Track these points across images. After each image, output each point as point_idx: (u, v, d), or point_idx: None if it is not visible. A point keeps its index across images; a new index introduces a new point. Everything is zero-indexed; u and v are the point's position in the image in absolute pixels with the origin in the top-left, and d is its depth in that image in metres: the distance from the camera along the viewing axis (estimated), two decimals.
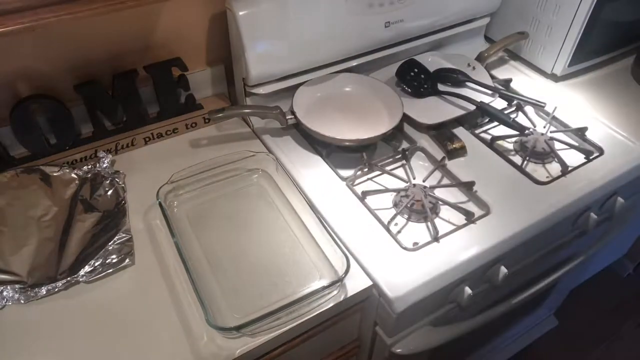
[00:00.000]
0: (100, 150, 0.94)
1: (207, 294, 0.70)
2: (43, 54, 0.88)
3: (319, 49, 0.97)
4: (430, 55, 1.13)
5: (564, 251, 1.00)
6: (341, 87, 1.04)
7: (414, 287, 0.72)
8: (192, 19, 0.98)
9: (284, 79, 0.98)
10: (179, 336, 0.67)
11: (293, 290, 0.72)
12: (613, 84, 1.12)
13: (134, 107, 0.98)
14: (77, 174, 0.88)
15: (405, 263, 0.75)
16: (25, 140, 0.90)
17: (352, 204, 0.84)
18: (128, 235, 0.78)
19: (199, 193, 0.87)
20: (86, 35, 0.90)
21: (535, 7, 1.10)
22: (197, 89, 1.06)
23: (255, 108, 0.97)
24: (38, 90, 0.90)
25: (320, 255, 0.76)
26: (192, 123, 1.02)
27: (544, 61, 1.13)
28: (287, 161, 0.92)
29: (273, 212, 0.84)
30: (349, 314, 0.78)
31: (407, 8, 1.01)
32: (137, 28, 0.94)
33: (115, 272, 0.74)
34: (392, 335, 0.79)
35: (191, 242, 0.78)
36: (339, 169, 0.90)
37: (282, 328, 0.68)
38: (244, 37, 0.88)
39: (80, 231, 0.80)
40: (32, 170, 0.87)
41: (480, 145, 0.96)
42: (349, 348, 0.87)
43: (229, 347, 0.66)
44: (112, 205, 0.83)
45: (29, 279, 0.73)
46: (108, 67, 0.95)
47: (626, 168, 0.91)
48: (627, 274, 1.73)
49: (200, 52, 1.04)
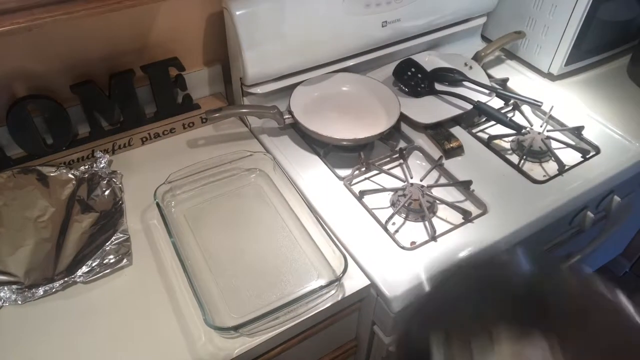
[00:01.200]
0: (97, 150, 0.94)
1: (205, 294, 0.70)
2: (39, 54, 0.88)
3: (316, 48, 0.97)
4: (428, 54, 1.13)
5: (561, 249, 1.01)
6: (338, 87, 1.04)
7: (412, 286, 0.72)
8: (189, 18, 0.98)
9: (281, 78, 0.98)
10: (177, 336, 0.67)
11: (291, 289, 0.72)
12: (609, 83, 1.12)
13: (131, 107, 0.98)
14: (74, 174, 0.87)
15: (403, 262, 0.75)
16: (21, 140, 0.90)
17: (350, 203, 0.84)
18: (125, 235, 0.78)
19: (196, 193, 0.87)
20: (82, 35, 0.89)
21: (531, 7, 1.10)
22: (194, 89, 1.06)
23: (253, 108, 0.97)
24: (34, 91, 0.90)
25: (318, 254, 0.77)
26: (189, 123, 1.02)
27: (540, 60, 1.14)
28: (285, 161, 0.92)
29: (271, 212, 0.84)
30: (347, 314, 0.78)
31: (404, 7, 1.02)
32: (134, 28, 0.94)
33: (113, 273, 0.74)
34: (390, 335, 0.79)
35: (189, 242, 0.78)
36: (337, 169, 0.90)
37: (280, 328, 0.68)
38: (241, 36, 0.88)
39: (77, 231, 0.79)
40: (29, 170, 0.87)
41: (477, 144, 0.96)
42: (347, 347, 0.87)
43: (227, 347, 0.66)
44: (109, 205, 0.83)
45: (26, 279, 0.72)
46: (105, 67, 0.95)
47: (622, 167, 0.92)
48: (623, 272, 1.74)
49: (197, 52, 1.04)
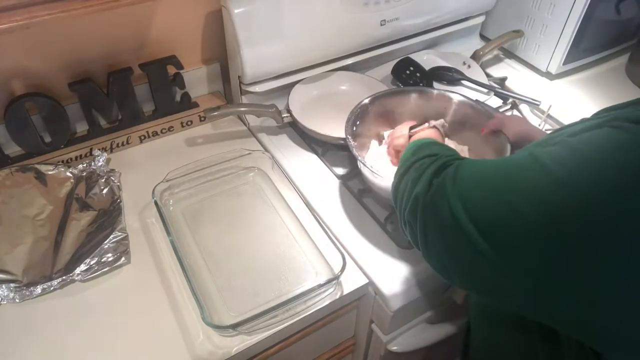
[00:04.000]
0: (96, 148, 0.94)
1: (203, 292, 0.70)
2: (37, 52, 0.88)
3: (315, 47, 0.97)
4: (426, 53, 1.13)
5: None
6: (337, 85, 1.04)
7: (410, 285, 0.72)
8: (187, 16, 0.98)
9: (279, 77, 0.98)
10: (175, 335, 0.67)
11: (289, 288, 0.72)
12: (607, 82, 1.13)
13: (129, 105, 0.98)
14: (72, 172, 0.87)
15: (402, 261, 0.75)
16: (19, 138, 0.90)
17: (349, 201, 0.84)
18: (124, 233, 0.78)
19: (194, 191, 0.87)
20: (81, 33, 0.89)
21: (530, 6, 1.11)
22: (193, 87, 1.06)
23: (251, 106, 0.97)
24: (32, 89, 0.90)
25: (316, 253, 0.77)
26: (187, 121, 1.02)
27: (539, 59, 1.14)
28: (283, 159, 0.92)
29: (269, 210, 0.84)
30: (345, 312, 0.78)
31: (403, 6, 1.02)
32: (132, 26, 0.94)
33: (111, 271, 0.74)
34: (388, 333, 0.79)
35: (187, 241, 0.78)
36: (335, 167, 0.91)
37: (278, 326, 0.68)
38: (239, 35, 0.88)
39: (75, 230, 0.79)
40: (27, 168, 0.87)
41: None
42: (345, 346, 0.87)
43: (226, 346, 0.66)
44: (107, 203, 0.83)
45: (24, 277, 0.72)
46: (103, 65, 0.94)
47: None
48: None
49: (195, 50, 1.04)
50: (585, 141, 0.40)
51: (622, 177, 0.36)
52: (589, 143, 0.39)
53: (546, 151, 0.41)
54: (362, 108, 0.84)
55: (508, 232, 0.41)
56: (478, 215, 0.43)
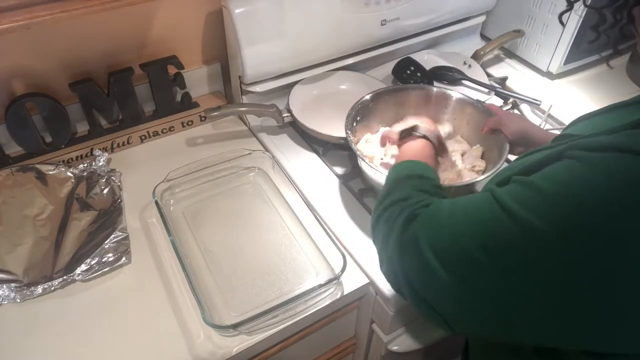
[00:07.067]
0: (96, 148, 0.94)
1: (204, 292, 0.70)
2: (38, 52, 0.88)
3: (315, 47, 0.97)
4: (427, 53, 1.13)
5: None
6: (337, 85, 1.04)
7: None
8: (188, 16, 0.98)
9: (280, 77, 0.98)
10: (175, 334, 0.67)
11: (290, 288, 0.72)
12: (608, 82, 1.12)
13: (129, 105, 0.98)
14: (73, 172, 0.87)
15: None
16: (20, 138, 0.90)
17: (349, 201, 0.84)
18: (124, 233, 0.78)
19: (195, 191, 0.87)
20: (81, 34, 0.89)
21: (531, 5, 1.10)
22: (193, 87, 1.06)
23: (252, 106, 0.97)
24: (33, 89, 0.90)
25: (317, 253, 0.77)
26: (188, 121, 1.02)
27: (539, 59, 1.14)
28: (284, 159, 0.92)
29: (269, 210, 0.84)
30: (346, 312, 0.78)
31: (403, 6, 1.02)
32: (133, 26, 0.94)
33: (112, 271, 0.74)
34: (389, 333, 0.79)
35: (187, 241, 0.78)
36: (335, 167, 0.91)
37: (279, 326, 0.68)
38: (239, 35, 0.88)
39: (76, 230, 0.79)
40: (28, 168, 0.87)
41: None
42: (346, 346, 0.87)
43: (226, 345, 0.66)
44: (108, 203, 0.83)
45: (25, 277, 0.72)
46: (103, 65, 0.95)
47: None
48: None
49: (196, 50, 1.04)
50: (547, 177, 0.41)
51: (585, 214, 0.37)
52: (551, 179, 0.40)
53: (506, 191, 0.43)
54: (362, 104, 0.84)
55: (478, 273, 0.43)
56: (447, 258, 0.45)
